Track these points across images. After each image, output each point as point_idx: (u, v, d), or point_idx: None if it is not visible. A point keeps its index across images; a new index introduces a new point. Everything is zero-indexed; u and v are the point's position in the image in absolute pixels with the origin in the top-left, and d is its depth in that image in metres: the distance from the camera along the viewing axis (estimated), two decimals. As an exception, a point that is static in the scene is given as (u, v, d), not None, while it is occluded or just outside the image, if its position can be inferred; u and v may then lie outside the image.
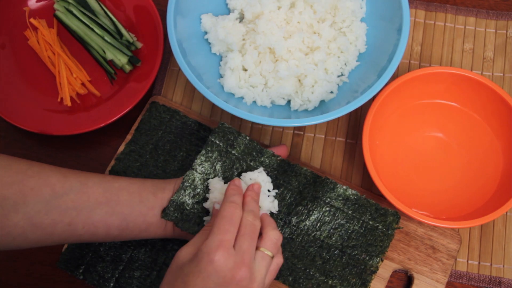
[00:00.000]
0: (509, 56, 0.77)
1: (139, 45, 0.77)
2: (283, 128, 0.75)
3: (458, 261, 0.68)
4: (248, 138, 0.64)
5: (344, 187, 0.63)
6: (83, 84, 0.75)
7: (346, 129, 0.74)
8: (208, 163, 0.63)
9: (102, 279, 0.66)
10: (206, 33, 0.72)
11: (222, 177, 0.63)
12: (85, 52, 0.77)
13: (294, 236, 0.62)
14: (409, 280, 0.67)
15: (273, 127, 0.75)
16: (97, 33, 0.76)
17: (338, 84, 0.70)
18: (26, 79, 0.76)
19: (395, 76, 0.70)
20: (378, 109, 0.66)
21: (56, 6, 0.77)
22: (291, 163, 0.65)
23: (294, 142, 0.74)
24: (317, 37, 0.68)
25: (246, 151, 0.64)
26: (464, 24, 0.79)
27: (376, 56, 0.69)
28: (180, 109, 0.74)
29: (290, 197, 0.64)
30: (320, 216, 0.63)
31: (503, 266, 0.68)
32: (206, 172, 0.63)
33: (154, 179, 0.63)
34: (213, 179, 0.62)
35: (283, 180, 0.64)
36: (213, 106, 0.76)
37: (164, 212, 0.60)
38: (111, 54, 0.75)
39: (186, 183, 0.61)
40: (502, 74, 0.77)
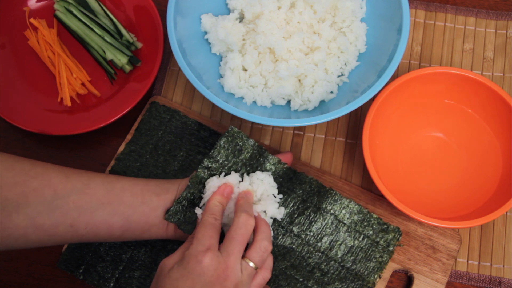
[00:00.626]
0: (509, 56, 0.77)
1: (139, 45, 0.77)
2: (283, 128, 0.75)
3: (458, 261, 0.68)
4: (256, 144, 0.63)
5: (348, 200, 0.63)
6: (83, 84, 0.75)
7: (346, 129, 0.74)
8: (215, 166, 0.62)
9: (102, 279, 0.66)
10: (206, 33, 0.72)
11: (224, 176, 0.62)
12: (85, 52, 0.77)
13: (294, 246, 0.62)
14: (409, 280, 0.67)
15: (273, 127, 0.75)
16: (97, 33, 0.76)
17: (338, 84, 0.70)
18: (26, 79, 0.76)
19: (395, 76, 0.70)
20: (378, 109, 0.66)
21: (56, 6, 0.77)
22: (296, 172, 0.64)
23: (294, 142, 0.74)
24: (317, 37, 0.68)
25: (253, 156, 0.63)
26: (464, 24, 0.79)
27: (376, 56, 0.69)
28: (180, 109, 0.74)
29: (293, 205, 0.63)
30: (322, 227, 0.63)
31: (503, 266, 0.68)
32: (212, 175, 0.62)
33: (157, 180, 0.62)
34: (212, 178, 0.61)
35: (288, 187, 0.63)
36: (213, 106, 0.76)
37: (167, 214, 0.59)
38: (111, 54, 0.75)
39: (191, 186, 0.61)
40: (502, 74, 0.77)
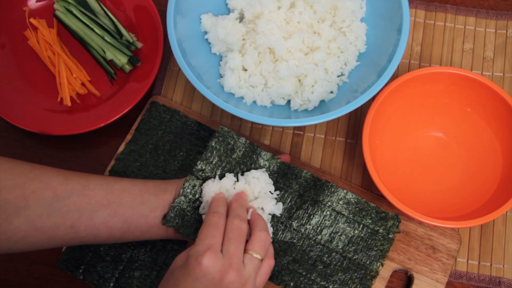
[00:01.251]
0: (509, 56, 0.77)
1: (139, 45, 0.77)
2: (283, 128, 0.75)
3: (458, 261, 0.68)
4: (248, 142, 0.63)
5: (345, 191, 0.63)
6: (83, 84, 0.75)
7: (346, 129, 0.74)
8: (209, 168, 0.62)
9: (102, 279, 0.65)
10: (206, 33, 0.72)
11: (219, 178, 0.62)
12: (85, 52, 0.77)
13: (295, 240, 0.62)
14: (409, 280, 0.67)
15: (273, 127, 0.75)
16: (97, 33, 0.76)
17: (338, 84, 0.70)
18: (26, 79, 0.76)
19: (395, 76, 0.70)
20: (378, 109, 0.66)
21: (56, 6, 0.77)
22: (291, 166, 0.64)
23: (294, 142, 0.74)
24: (317, 37, 0.68)
25: (246, 154, 0.63)
26: (464, 24, 0.79)
27: (376, 56, 0.69)
28: (180, 109, 0.74)
29: (290, 200, 0.63)
30: (321, 220, 0.62)
31: (503, 266, 0.68)
32: (207, 177, 0.62)
33: (155, 180, 0.62)
34: (207, 182, 0.61)
35: (283, 183, 0.63)
36: (213, 106, 0.76)
37: (165, 218, 0.59)
38: (111, 54, 0.75)
39: (186, 189, 0.61)
40: (502, 74, 0.77)
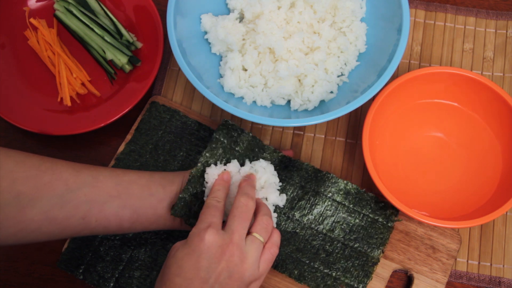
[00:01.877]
0: (509, 56, 0.77)
1: (139, 45, 0.77)
2: (283, 128, 0.75)
3: (458, 261, 0.68)
4: (251, 135, 0.66)
5: (345, 182, 0.65)
6: (83, 84, 0.75)
7: (346, 129, 0.74)
8: (213, 159, 0.64)
9: (102, 279, 0.66)
10: (206, 33, 0.72)
11: (223, 165, 0.63)
12: (85, 52, 0.77)
13: (298, 230, 0.64)
14: (409, 280, 0.67)
15: (273, 127, 0.75)
16: (97, 33, 0.76)
17: (338, 84, 0.70)
18: (26, 79, 0.76)
19: (395, 76, 0.70)
20: (378, 109, 0.66)
21: (56, 6, 0.77)
22: (292, 159, 0.66)
23: (294, 142, 0.74)
24: (317, 37, 0.68)
25: (249, 147, 0.65)
26: (464, 24, 0.79)
27: (376, 56, 0.69)
28: (180, 109, 0.74)
29: (292, 192, 0.65)
30: (322, 210, 0.64)
31: (503, 266, 0.68)
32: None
33: (161, 172, 0.64)
34: (211, 166, 0.62)
35: (285, 175, 0.65)
36: (213, 106, 0.76)
37: (173, 209, 0.60)
38: (111, 54, 0.75)
39: (192, 180, 0.62)
40: (502, 74, 0.77)
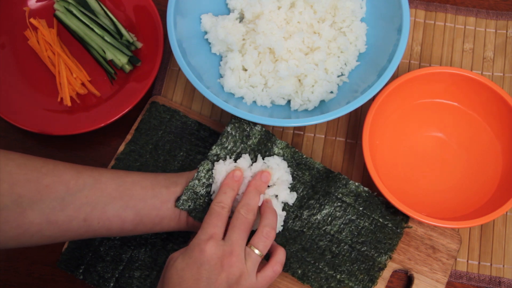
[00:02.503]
0: (509, 56, 0.77)
1: (139, 45, 0.77)
2: (283, 128, 0.75)
3: (458, 261, 0.68)
4: (264, 129, 0.65)
5: (356, 184, 0.65)
6: (83, 84, 0.75)
7: (346, 129, 0.74)
8: (223, 153, 0.63)
9: (102, 279, 0.66)
10: (206, 33, 0.72)
11: (231, 160, 0.63)
12: (85, 52, 0.77)
13: (305, 229, 0.63)
14: (409, 280, 0.67)
15: (273, 127, 0.75)
16: (97, 33, 0.76)
17: (338, 84, 0.70)
18: (26, 79, 0.76)
19: (395, 76, 0.70)
20: (378, 109, 0.66)
21: (56, 6, 0.77)
22: (304, 156, 0.66)
23: (294, 142, 0.74)
24: (317, 37, 0.68)
25: (261, 141, 0.65)
26: (464, 24, 0.79)
27: (376, 56, 0.69)
28: (180, 109, 0.74)
29: (302, 190, 0.65)
30: (331, 211, 0.64)
31: (503, 266, 0.68)
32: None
33: (166, 173, 0.63)
34: (219, 162, 0.62)
35: (296, 173, 0.65)
36: (213, 106, 0.76)
37: (178, 201, 0.60)
38: (111, 54, 0.75)
39: (200, 173, 0.62)
40: (502, 74, 0.77)
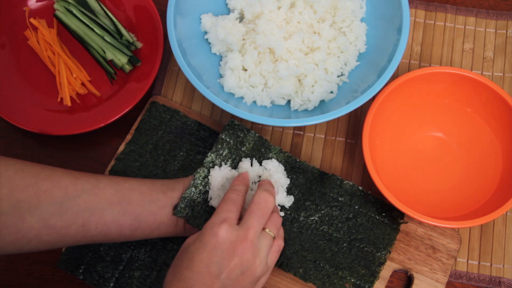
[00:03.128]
0: (509, 56, 0.77)
1: (139, 45, 0.77)
2: (283, 128, 0.75)
3: (458, 261, 0.68)
4: (257, 135, 0.66)
5: (351, 183, 0.66)
6: (83, 84, 0.75)
7: (346, 129, 0.74)
8: (219, 160, 0.64)
9: (102, 279, 0.66)
10: (206, 33, 0.72)
11: (226, 166, 0.63)
12: (85, 52, 0.77)
13: (303, 230, 0.64)
14: (409, 280, 0.67)
15: (273, 127, 0.75)
16: (97, 33, 0.76)
17: (338, 84, 0.70)
18: (26, 79, 0.76)
19: (395, 76, 0.70)
20: (378, 109, 0.66)
21: (56, 6, 0.77)
22: (297, 160, 0.67)
23: (294, 142, 0.74)
24: (317, 37, 0.68)
25: (255, 147, 0.65)
26: (464, 24, 0.79)
27: (376, 56, 0.69)
28: (180, 109, 0.74)
29: (298, 193, 0.65)
30: (328, 211, 0.65)
31: (503, 266, 0.68)
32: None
33: (163, 179, 0.64)
34: (214, 168, 0.63)
35: (291, 176, 0.66)
36: (213, 106, 0.76)
37: (176, 209, 0.61)
38: (111, 54, 0.75)
39: (197, 180, 0.62)
40: (502, 74, 0.77)
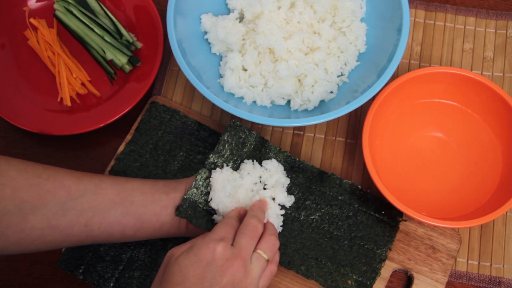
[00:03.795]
0: (509, 56, 0.77)
1: (139, 45, 0.77)
2: (283, 128, 0.75)
3: (458, 261, 0.68)
4: (258, 136, 0.66)
5: (350, 182, 0.66)
6: (83, 84, 0.75)
7: (346, 129, 0.74)
8: (221, 161, 0.64)
9: (102, 279, 0.66)
10: (206, 33, 0.72)
11: (227, 167, 0.63)
12: (85, 52, 0.77)
13: (304, 229, 0.64)
14: (409, 280, 0.67)
15: (273, 127, 0.75)
16: (97, 33, 0.76)
17: (338, 84, 0.70)
18: (26, 79, 0.76)
19: (395, 76, 0.70)
20: (378, 109, 0.66)
21: (56, 6, 0.77)
22: (297, 160, 0.67)
23: (294, 142, 0.74)
24: (317, 37, 0.68)
25: (256, 148, 0.65)
26: (464, 24, 0.79)
27: (376, 56, 0.69)
28: (180, 109, 0.74)
29: (298, 192, 0.65)
30: (328, 209, 0.65)
31: (503, 266, 0.68)
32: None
33: (165, 180, 0.64)
34: (216, 170, 0.62)
35: (290, 176, 0.66)
36: (213, 106, 0.76)
37: (178, 210, 0.61)
38: (111, 54, 0.75)
39: (199, 181, 0.62)
40: (502, 74, 0.77)
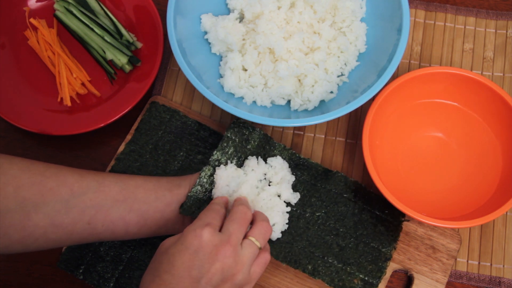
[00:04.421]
0: (509, 56, 0.77)
1: (139, 45, 0.77)
2: (283, 128, 0.75)
3: (458, 261, 0.68)
4: (262, 132, 0.66)
5: (354, 181, 0.66)
6: (83, 84, 0.75)
7: (346, 129, 0.74)
8: (224, 158, 0.64)
9: (102, 279, 0.66)
10: (206, 33, 0.72)
11: (231, 165, 0.63)
12: (85, 52, 0.77)
13: (310, 226, 0.64)
14: (409, 280, 0.67)
15: (273, 127, 0.75)
16: (97, 33, 0.76)
17: (338, 84, 0.70)
18: (26, 79, 0.76)
19: (395, 76, 0.70)
20: (378, 109, 0.66)
21: (56, 6, 0.77)
22: (301, 157, 0.67)
23: (294, 142, 0.74)
24: (317, 37, 0.68)
25: (260, 145, 0.66)
26: (464, 24, 0.79)
27: (376, 56, 0.69)
28: (180, 109, 0.74)
29: (303, 189, 0.66)
30: (333, 207, 0.65)
31: (503, 266, 0.68)
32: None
33: (168, 177, 0.64)
34: (220, 167, 0.62)
35: (295, 173, 0.66)
36: (213, 106, 0.76)
37: (182, 207, 0.61)
38: (111, 54, 0.75)
39: (203, 178, 0.62)
40: (502, 74, 0.77)
